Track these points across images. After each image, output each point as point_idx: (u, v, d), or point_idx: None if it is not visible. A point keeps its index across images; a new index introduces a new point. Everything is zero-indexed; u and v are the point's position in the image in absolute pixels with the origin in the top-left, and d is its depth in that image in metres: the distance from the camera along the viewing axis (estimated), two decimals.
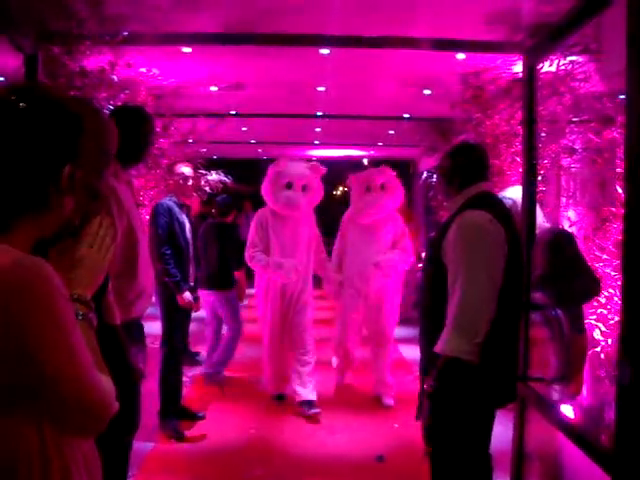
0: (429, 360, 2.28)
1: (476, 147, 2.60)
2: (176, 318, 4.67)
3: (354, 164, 12.86)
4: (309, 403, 5.02)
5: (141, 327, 2.97)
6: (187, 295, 4.56)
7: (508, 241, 2.25)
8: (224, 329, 6.11)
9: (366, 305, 5.46)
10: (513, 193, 3.40)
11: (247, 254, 5.22)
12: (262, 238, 5.18)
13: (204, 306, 5.89)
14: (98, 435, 1.21)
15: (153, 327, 4.56)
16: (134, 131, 2.92)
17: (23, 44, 3.06)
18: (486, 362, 2.17)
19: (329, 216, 8.26)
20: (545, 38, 2.55)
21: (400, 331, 8.09)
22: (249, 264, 5.28)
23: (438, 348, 2.18)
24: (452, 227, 2.26)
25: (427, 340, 2.35)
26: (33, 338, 1.04)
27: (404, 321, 8.77)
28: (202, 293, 5.51)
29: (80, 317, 1.21)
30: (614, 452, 1.77)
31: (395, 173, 5.54)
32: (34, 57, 3.06)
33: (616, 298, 3.75)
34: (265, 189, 5.26)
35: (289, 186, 5.13)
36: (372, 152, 13.36)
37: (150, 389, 4.15)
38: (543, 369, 2.94)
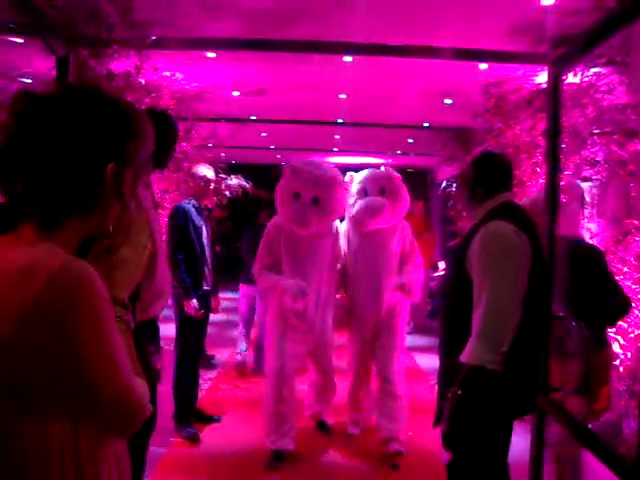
0: (451, 369, 2.29)
1: (500, 156, 2.61)
2: (191, 320, 4.66)
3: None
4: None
5: (157, 328, 3.00)
6: (194, 302, 4.54)
7: (533, 252, 2.26)
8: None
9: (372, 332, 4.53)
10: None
11: (254, 270, 4.42)
12: (271, 252, 4.30)
13: (241, 301, 6.58)
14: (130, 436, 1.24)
15: (168, 329, 4.60)
16: (160, 137, 2.94)
17: (56, 47, 3.12)
18: (510, 371, 2.18)
19: None
20: (571, 49, 2.56)
21: (415, 339, 8.10)
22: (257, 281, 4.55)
23: (464, 357, 2.18)
24: (476, 237, 2.27)
25: (449, 349, 2.36)
26: (78, 342, 1.06)
27: (419, 330, 8.78)
28: (243, 287, 6.48)
29: (118, 319, 1.22)
30: (635, 462, 1.77)
31: (399, 176, 4.51)
32: (66, 60, 3.11)
33: (637, 311, 3.74)
34: (276, 196, 4.34)
35: (297, 196, 4.15)
36: (390, 160, 13.37)
37: (165, 391, 4.19)
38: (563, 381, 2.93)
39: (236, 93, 7.13)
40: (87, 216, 1.18)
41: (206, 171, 4.88)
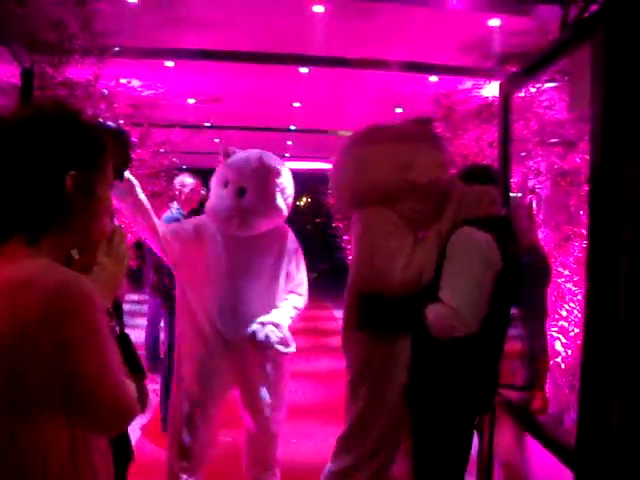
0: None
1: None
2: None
3: (321, 177, 13.02)
4: None
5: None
6: None
7: (502, 257, 2.35)
8: None
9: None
10: None
11: None
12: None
13: None
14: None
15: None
16: (117, 152, 2.87)
17: (21, 56, 3.16)
18: (476, 366, 2.33)
19: (293, 229, 8.37)
20: (521, 72, 2.77)
21: (336, 341, 8.18)
22: None
23: (430, 315, 2.33)
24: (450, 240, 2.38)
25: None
26: (76, 352, 1.14)
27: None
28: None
29: None
30: (576, 450, 1.98)
31: (280, 162, 3.33)
32: (30, 72, 3.16)
33: (576, 311, 4.00)
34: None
35: (225, 185, 3.17)
36: None
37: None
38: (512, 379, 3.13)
39: (192, 101, 7.19)
40: (65, 229, 1.23)
41: (192, 179, 4.98)
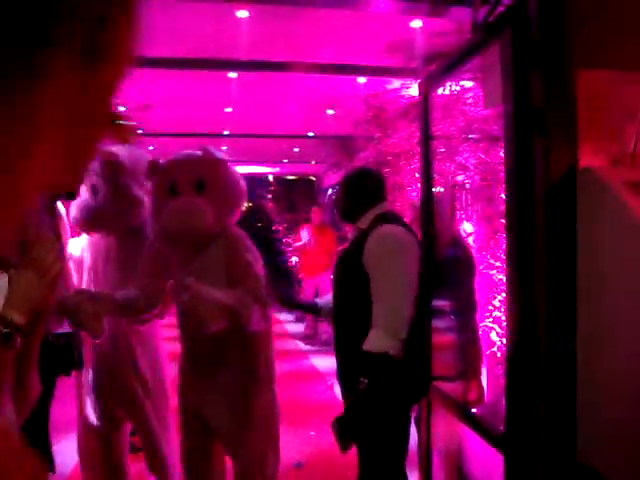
0: (353, 363, 2.46)
1: (375, 171, 2.93)
2: None
3: (259, 180, 13.05)
4: None
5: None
6: None
7: (420, 250, 2.53)
8: None
9: None
10: None
11: None
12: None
13: None
14: None
15: None
16: None
17: None
18: (408, 359, 2.42)
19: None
20: (437, 70, 2.85)
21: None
22: None
23: (367, 346, 2.37)
24: (370, 239, 2.47)
25: (350, 344, 2.54)
26: None
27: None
28: None
29: None
30: (505, 434, 2.06)
31: (225, 162, 2.97)
32: None
33: None
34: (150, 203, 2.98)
35: (173, 189, 2.76)
36: (278, 169, 13.62)
37: None
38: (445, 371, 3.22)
39: (122, 108, 7.08)
40: None
41: None
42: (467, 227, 4.98)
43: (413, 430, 2.81)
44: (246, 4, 4.13)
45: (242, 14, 4.30)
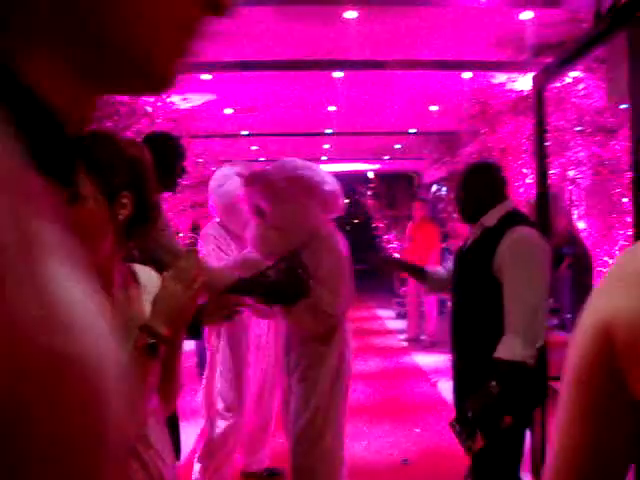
0: (477, 367, 2.42)
1: (498, 166, 2.77)
2: None
3: (360, 177, 13.09)
4: None
5: None
6: None
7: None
8: None
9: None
10: None
11: None
12: None
13: None
14: None
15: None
16: (164, 159, 2.74)
17: None
18: (538, 363, 2.35)
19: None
20: (554, 63, 2.78)
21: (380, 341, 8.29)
22: None
23: (504, 354, 2.28)
24: (504, 242, 2.38)
25: (475, 348, 2.49)
26: None
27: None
28: None
29: (140, 346, 1.27)
30: None
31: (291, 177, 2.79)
32: None
33: None
34: None
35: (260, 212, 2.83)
36: (379, 165, 13.62)
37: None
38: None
39: (229, 111, 7.34)
40: None
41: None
42: (579, 224, 4.82)
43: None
44: (354, 6, 4.18)
45: (350, 15, 4.35)
